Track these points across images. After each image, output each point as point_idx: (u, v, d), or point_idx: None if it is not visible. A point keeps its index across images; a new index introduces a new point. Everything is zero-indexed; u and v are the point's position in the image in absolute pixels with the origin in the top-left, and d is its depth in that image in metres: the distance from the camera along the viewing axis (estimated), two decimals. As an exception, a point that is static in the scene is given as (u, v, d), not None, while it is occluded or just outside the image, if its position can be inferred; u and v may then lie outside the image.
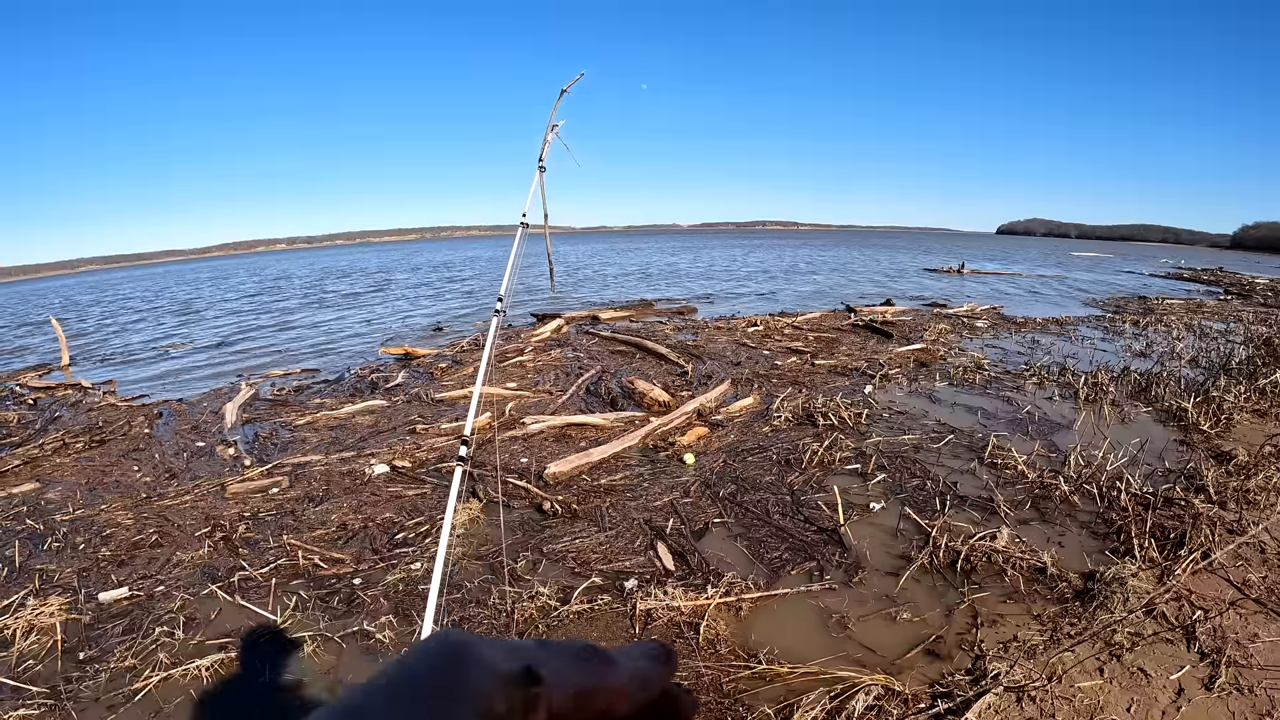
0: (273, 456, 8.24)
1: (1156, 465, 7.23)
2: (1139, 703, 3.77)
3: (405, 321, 21.39)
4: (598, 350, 14.23)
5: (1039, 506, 6.34)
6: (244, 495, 7.08)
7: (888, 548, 5.69)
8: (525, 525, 6.24)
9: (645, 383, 10.72)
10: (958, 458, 7.59)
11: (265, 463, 7.99)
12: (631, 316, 19.48)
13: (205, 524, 6.47)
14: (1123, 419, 9.02)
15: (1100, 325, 17.55)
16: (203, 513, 6.72)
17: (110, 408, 11.06)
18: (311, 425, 9.55)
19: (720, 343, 14.76)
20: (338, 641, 4.62)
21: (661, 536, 5.91)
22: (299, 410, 10.33)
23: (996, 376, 11.38)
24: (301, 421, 9.69)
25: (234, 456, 8.36)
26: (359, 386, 11.88)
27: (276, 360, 15.47)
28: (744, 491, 6.79)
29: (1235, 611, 4.55)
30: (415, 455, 7.96)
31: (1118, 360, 12.64)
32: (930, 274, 37.10)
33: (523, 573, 5.40)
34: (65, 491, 7.44)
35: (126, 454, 8.67)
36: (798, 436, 8.38)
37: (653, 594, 4.92)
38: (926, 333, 15.51)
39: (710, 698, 4.00)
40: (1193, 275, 38.63)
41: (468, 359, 13.50)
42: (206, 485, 7.41)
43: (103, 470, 8.09)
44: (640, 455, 7.94)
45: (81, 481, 7.74)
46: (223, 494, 7.14)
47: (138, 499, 7.12)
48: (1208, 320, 18.43)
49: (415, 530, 6.19)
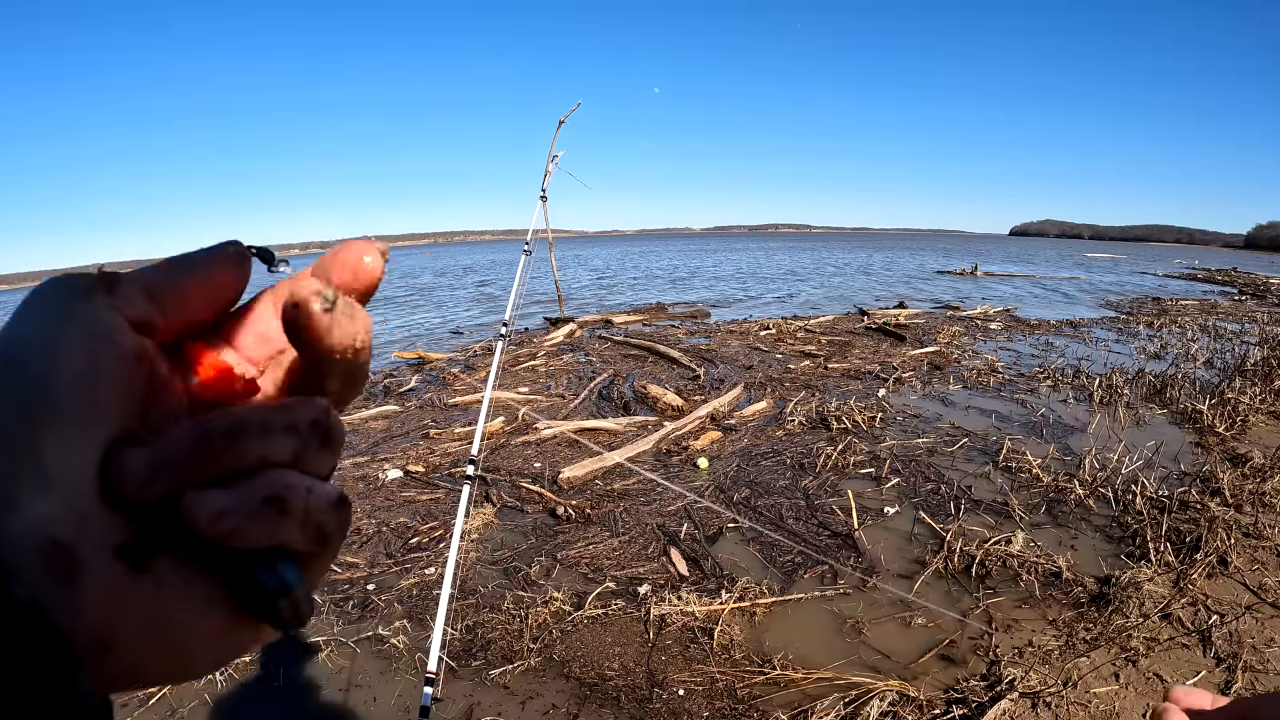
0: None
1: (1171, 468, 7.19)
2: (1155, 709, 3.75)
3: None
4: (610, 355, 14.23)
5: (1054, 510, 6.31)
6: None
7: (902, 552, 5.69)
8: (539, 530, 6.25)
9: (658, 387, 10.72)
10: (972, 461, 7.57)
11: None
12: (645, 320, 19.46)
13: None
14: (1137, 421, 8.98)
15: (1114, 327, 17.49)
16: (218, 518, 6.74)
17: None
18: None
19: (733, 346, 14.73)
20: (351, 646, 4.63)
21: (675, 541, 5.91)
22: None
23: (1010, 379, 11.34)
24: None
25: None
26: (372, 391, 11.90)
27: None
28: (758, 496, 6.79)
29: (1251, 616, 4.52)
30: (429, 460, 7.98)
31: (1132, 362, 12.59)
32: (943, 276, 37.03)
33: (536, 577, 5.40)
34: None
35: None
36: (811, 440, 8.37)
37: (667, 599, 4.92)
38: (940, 335, 15.46)
39: (725, 703, 4.00)
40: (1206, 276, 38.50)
41: (480, 364, 13.51)
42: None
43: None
44: (654, 459, 7.94)
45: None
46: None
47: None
48: (1222, 321, 18.36)
49: (429, 535, 6.20)
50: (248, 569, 0.34)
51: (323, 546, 0.37)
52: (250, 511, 0.33)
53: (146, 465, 0.32)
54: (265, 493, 0.34)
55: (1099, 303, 24.04)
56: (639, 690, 4.14)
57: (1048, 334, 16.23)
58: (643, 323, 19.12)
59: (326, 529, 0.36)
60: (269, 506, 0.34)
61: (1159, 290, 29.03)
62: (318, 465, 0.37)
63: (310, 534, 0.35)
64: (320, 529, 0.36)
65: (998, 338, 15.62)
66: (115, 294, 0.34)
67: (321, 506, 0.36)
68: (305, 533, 0.35)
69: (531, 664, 4.37)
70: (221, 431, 0.34)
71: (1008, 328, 17.01)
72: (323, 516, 0.36)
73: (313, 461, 0.37)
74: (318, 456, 0.37)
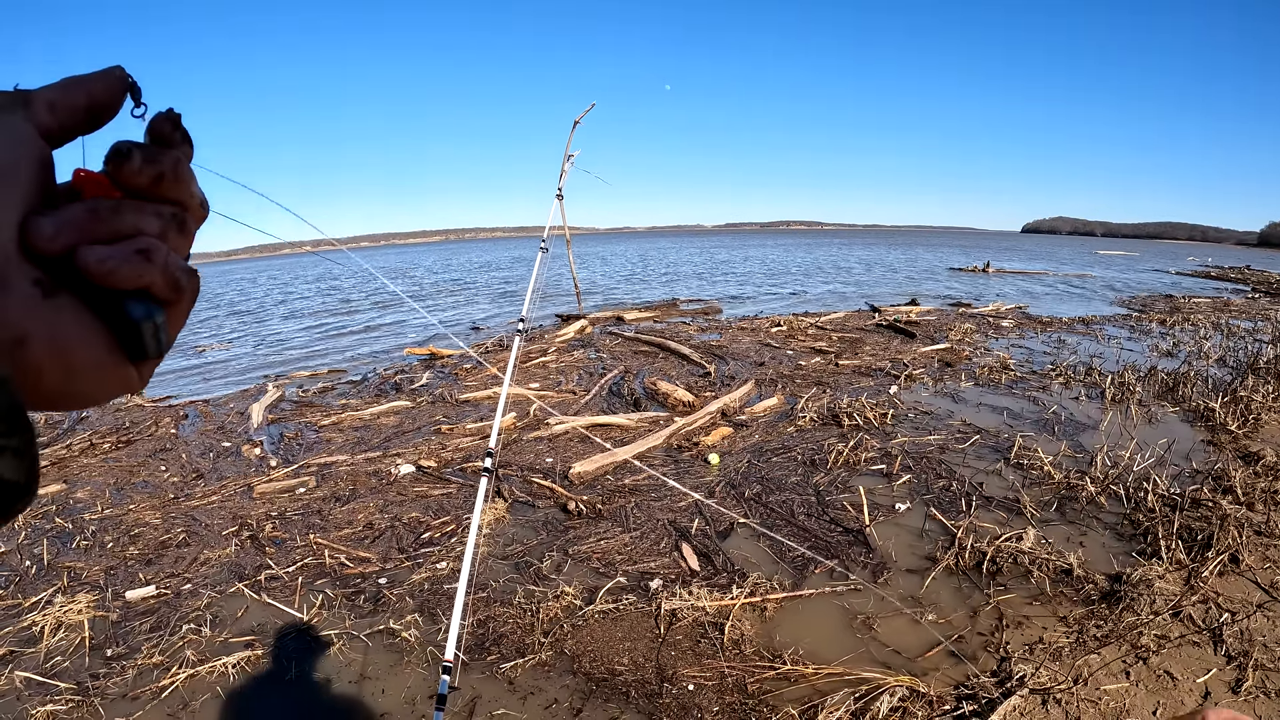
0: (299, 457, 8.31)
1: (1183, 466, 7.17)
2: (1165, 706, 3.75)
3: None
4: (621, 351, 14.25)
5: (1065, 507, 6.30)
6: (271, 495, 7.14)
7: (913, 548, 5.68)
8: (550, 525, 6.27)
9: (668, 383, 10.74)
10: (983, 458, 7.55)
11: (291, 463, 8.05)
12: (656, 317, 19.48)
13: (232, 523, 6.53)
14: (1149, 419, 8.95)
15: (1126, 324, 17.42)
16: (230, 512, 6.78)
17: (137, 408, 11.18)
18: (337, 426, 9.61)
19: (744, 343, 14.74)
20: (364, 640, 4.66)
21: (686, 537, 5.92)
22: (324, 411, 10.41)
23: (1022, 376, 11.31)
24: (327, 422, 9.76)
25: (260, 457, 8.43)
26: (383, 388, 11.95)
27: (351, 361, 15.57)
28: (769, 492, 6.79)
29: (1263, 614, 4.51)
30: (440, 455, 8.01)
31: (1144, 360, 12.54)
32: (955, 273, 36.92)
33: (548, 572, 5.42)
34: (93, 491, 7.52)
35: (153, 454, 8.76)
36: (822, 436, 8.37)
37: (677, 594, 4.94)
38: (951, 332, 15.43)
39: (735, 698, 4.01)
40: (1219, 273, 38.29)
41: (492, 360, 13.54)
42: (233, 485, 7.48)
43: (130, 470, 8.17)
44: (664, 455, 7.95)
45: (109, 481, 7.82)
46: (249, 494, 7.21)
47: (165, 499, 7.19)
48: (1235, 319, 18.26)
49: (441, 530, 6.22)
50: (121, 305, 0.45)
51: (178, 295, 0.48)
52: (124, 258, 0.44)
53: (52, 226, 0.42)
54: (136, 246, 0.45)
55: (1112, 300, 23.94)
56: (649, 685, 4.16)
57: (1060, 331, 16.18)
58: (654, 319, 19.14)
59: (180, 282, 0.48)
60: (138, 255, 0.45)
61: (1172, 288, 28.88)
62: (177, 245, 0.49)
63: (169, 282, 0.47)
64: (176, 281, 0.47)
65: (1010, 335, 15.57)
66: (30, 107, 0.44)
67: (178, 264, 0.48)
68: (165, 279, 0.46)
69: (543, 658, 4.39)
70: (108, 206, 0.45)
71: (1020, 325, 16.95)
72: (178, 272, 0.48)
73: (174, 239, 0.49)
74: (178, 237, 0.49)
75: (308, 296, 36.01)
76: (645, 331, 16.26)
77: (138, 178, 0.46)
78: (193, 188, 0.51)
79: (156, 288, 0.46)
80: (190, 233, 0.51)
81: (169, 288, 0.47)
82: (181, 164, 0.49)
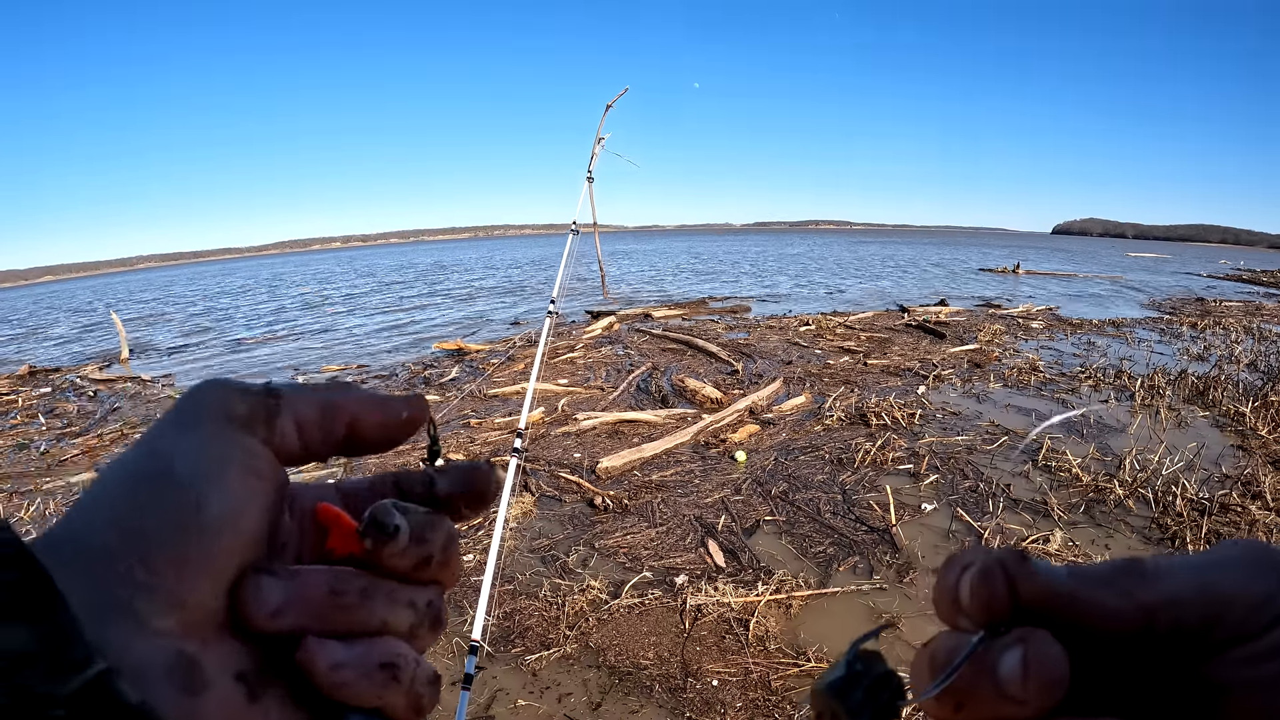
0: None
1: (1212, 470, 7.11)
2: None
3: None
4: (648, 348, 14.28)
5: (1092, 510, 6.28)
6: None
7: (939, 549, 5.69)
8: (577, 519, 6.32)
9: (695, 380, 10.76)
10: (1010, 460, 7.53)
11: (323, 454, 8.14)
12: (684, 315, 19.51)
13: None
14: (1179, 423, 8.88)
15: (1157, 327, 17.25)
16: (262, 502, 6.86)
17: (169, 400, 11.32)
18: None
19: (772, 341, 14.74)
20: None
21: (712, 533, 5.96)
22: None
23: (1051, 378, 11.24)
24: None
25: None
26: (413, 382, 12.04)
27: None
28: (795, 490, 6.81)
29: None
30: (469, 449, 8.09)
31: (1174, 363, 12.42)
32: (986, 274, 36.68)
33: (574, 566, 5.47)
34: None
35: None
36: (850, 436, 8.38)
37: (703, 590, 4.97)
38: (980, 333, 15.35)
39: (758, 694, 4.05)
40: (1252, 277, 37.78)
41: (519, 355, 13.61)
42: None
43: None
44: (691, 451, 7.99)
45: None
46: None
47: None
48: (1267, 323, 18.02)
49: (467, 523, 6.27)
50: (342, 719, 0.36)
51: (417, 718, 0.38)
52: (365, 672, 0.35)
53: (278, 600, 0.34)
54: (382, 658, 0.36)
55: (1142, 302, 23.70)
56: (673, 679, 4.20)
57: (1090, 333, 16.05)
58: (682, 317, 19.15)
59: (423, 703, 0.38)
60: (383, 671, 0.36)
61: (1203, 291, 28.55)
62: (423, 643, 0.40)
63: (411, 705, 0.38)
64: (419, 701, 0.38)
65: (1039, 336, 15.46)
66: (273, 424, 0.38)
67: (424, 681, 0.38)
68: (408, 702, 0.37)
69: (568, 650, 4.44)
70: (357, 589, 0.37)
71: (1049, 326, 16.82)
72: (423, 689, 0.38)
73: (422, 638, 0.40)
74: (426, 635, 0.40)
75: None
76: (673, 329, 16.29)
77: (399, 560, 0.38)
78: (458, 567, 0.42)
79: (395, 710, 0.37)
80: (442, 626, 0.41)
81: (410, 710, 0.38)
82: (454, 542, 0.41)
